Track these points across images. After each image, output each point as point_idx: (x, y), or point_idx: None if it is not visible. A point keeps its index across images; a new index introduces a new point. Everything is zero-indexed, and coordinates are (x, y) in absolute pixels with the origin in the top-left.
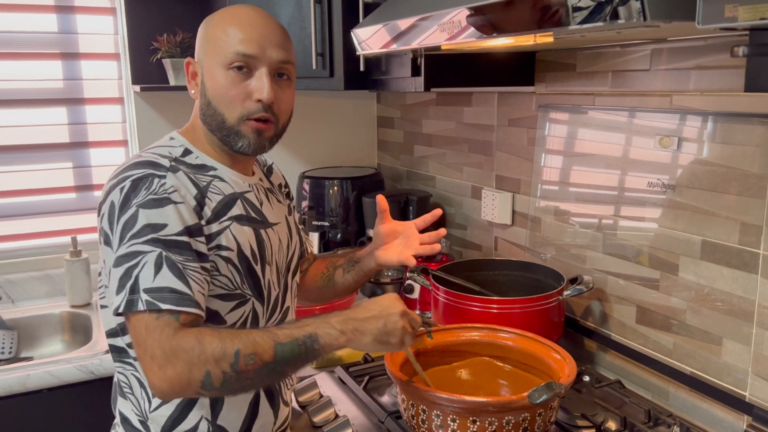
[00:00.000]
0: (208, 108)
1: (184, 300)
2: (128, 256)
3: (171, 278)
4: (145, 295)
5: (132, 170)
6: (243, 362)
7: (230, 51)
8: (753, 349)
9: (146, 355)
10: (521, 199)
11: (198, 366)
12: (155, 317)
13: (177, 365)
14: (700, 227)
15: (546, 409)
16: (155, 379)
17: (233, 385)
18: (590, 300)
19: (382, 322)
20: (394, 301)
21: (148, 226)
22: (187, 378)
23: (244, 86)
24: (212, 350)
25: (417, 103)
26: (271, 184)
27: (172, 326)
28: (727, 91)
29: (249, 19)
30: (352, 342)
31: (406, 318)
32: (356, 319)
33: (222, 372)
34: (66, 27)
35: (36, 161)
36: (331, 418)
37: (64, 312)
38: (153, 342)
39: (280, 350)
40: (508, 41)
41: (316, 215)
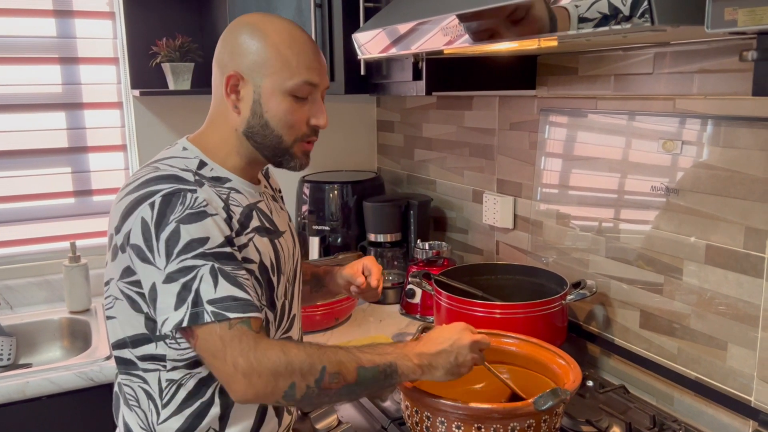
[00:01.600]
0: (264, 129)
1: (248, 306)
2: (181, 272)
3: (230, 288)
4: (210, 306)
5: (157, 185)
6: (328, 379)
7: (299, 79)
8: (758, 354)
9: (227, 365)
10: (523, 203)
11: (284, 377)
12: (227, 327)
13: (263, 375)
14: (704, 231)
15: (551, 416)
16: (240, 388)
17: (313, 399)
18: (593, 304)
19: (453, 356)
20: (462, 333)
21: (193, 241)
22: (272, 387)
23: (303, 111)
24: (300, 363)
25: (417, 107)
26: (272, 189)
27: (249, 335)
28: (731, 94)
29: (307, 44)
30: (426, 375)
31: (476, 348)
32: (429, 354)
33: (306, 386)
34: (65, 31)
35: (35, 166)
36: (333, 424)
37: (63, 318)
38: (235, 352)
39: (363, 374)
40: (512, 45)
41: (317, 220)
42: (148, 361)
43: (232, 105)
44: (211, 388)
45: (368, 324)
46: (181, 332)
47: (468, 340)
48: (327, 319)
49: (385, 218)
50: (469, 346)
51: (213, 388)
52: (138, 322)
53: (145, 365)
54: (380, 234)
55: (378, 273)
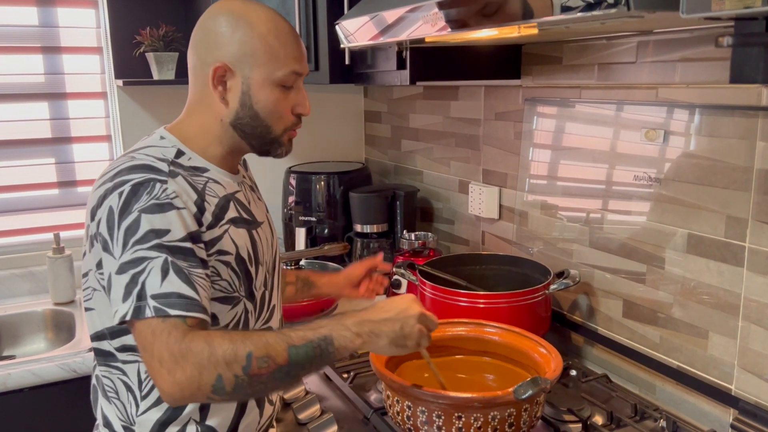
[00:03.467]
0: (254, 120)
1: (192, 305)
2: (133, 263)
3: (178, 283)
4: (153, 301)
5: (130, 174)
6: (256, 365)
7: (287, 69)
8: (739, 343)
9: (154, 359)
10: (508, 194)
11: (209, 369)
12: (161, 321)
13: (186, 368)
14: (686, 221)
15: (532, 405)
16: (164, 384)
17: (246, 389)
18: (577, 294)
19: (398, 325)
20: (411, 303)
21: (151, 231)
22: (197, 382)
23: (289, 100)
24: (223, 353)
25: (404, 98)
26: (250, 180)
27: (180, 329)
28: (713, 83)
29: (291, 33)
30: (367, 345)
31: (423, 320)
32: (372, 321)
33: (234, 375)
34: (47, 20)
35: (18, 157)
36: (316, 414)
37: (47, 310)
38: (161, 346)
39: (294, 353)
40: (493, 33)
41: (303, 210)
42: (126, 353)
43: (220, 96)
44: None
45: None
46: (127, 325)
47: (416, 311)
48: (312, 310)
49: (371, 209)
50: (417, 317)
51: None
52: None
53: (124, 356)
54: (367, 225)
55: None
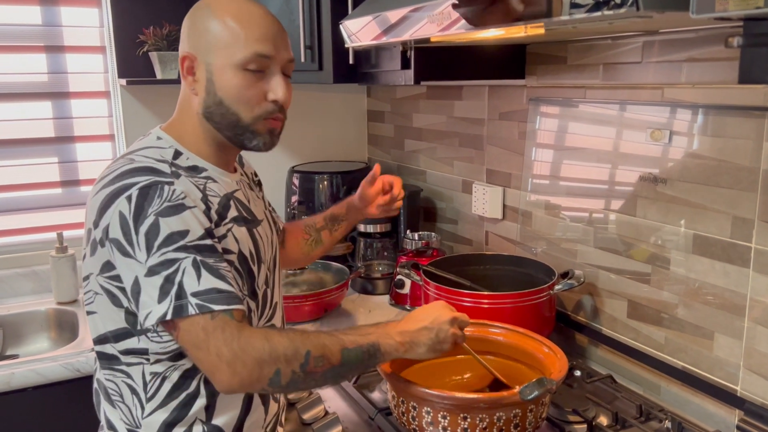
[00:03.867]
0: (219, 107)
1: (231, 298)
2: (163, 265)
3: (213, 280)
4: (194, 299)
5: (133, 177)
6: (313, 363)
7: (247, 51)
8: (745, 344)
9: (211, 354)
10: (512, 193)
11: (269, 364)
12: (209, 318)
13: (248, 363)
14: (691, 221)
15: (537, 405)
16: (224, 377)
17: (299, 384)
18: (581, 294)
19: (434, 333)
20: (442, 310)
21: (174, 234)
22: (257, 374)
23: (260, 86)
24: (284, 350)
25: (407, 97)
26: (247, 177)
27: (232, 325)
28: (719, 83)
29: (259, 17)
30: (409, 352)
31: (455, 323)
32: (410, 331)
33: (292, 371)
34: (50, 19)
35: (21, 156)
36: (320, 415)
37: (50, 309)
38: (218, 342)
39: (347, 355)
40: (499, 33)
41: (306, 210)
42: (131, 356)
43: (190, 87)
44: (195, 379)
45: (357, 314)
46: (163, 325)
47: (448, 317)
48: (316, 310)
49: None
50: (449, 322)
51: (198, 380)
52: (119, 316)
53: (128, 359)
54: (370, 224)
55: (399, 182)
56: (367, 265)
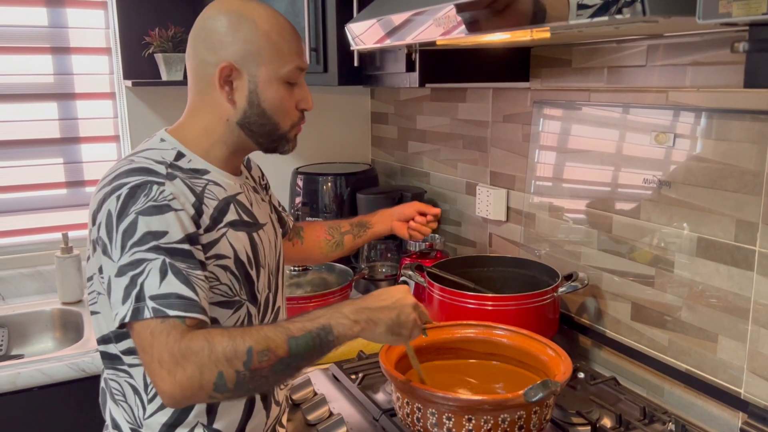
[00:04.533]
0: (262, 117)
1: (191, 306)
2: (131, 265)
3: (177, 284)
4: (152, 302)
5: (127, 177)
6: (257, 359)
7: (292, 65)
8: (748, 346)
9: (153, 360)
10: (516, 196)
11: (209, 367)
12: (160, 322)
13: (187, 368)
14: (695, 224)
15: (542, 407)
16: (165, 386)
17: (247, 384)
18: (585, 297)
19: (395, 313)
20: (406, 293)
21: (149, 233)
22: (198, 381)
23: (293, 96)
24: (223, 349)
25: (411, 99)
26: (253, 179)
27: (179, 329)
28: (724, 87)
29: (292, 29)
30: (365, 332)
31: (417, 310)
32: (369, 308)
33: (235, 371)
34: (56, 21)
35: (26, 157)
36: (325, 416)
37: (55, 309)
38: (160, 346)
39: (294, 344)
40: (504, 36)
41: (310, 211)
42: (132, 356)
43: (227, 96)
44: None
45: None
46: (126, 328)
47: (412, 301)
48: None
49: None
50: (413, 306)
51: None
52: None
53: (130, 360)
54: None
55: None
56: (371, 266)
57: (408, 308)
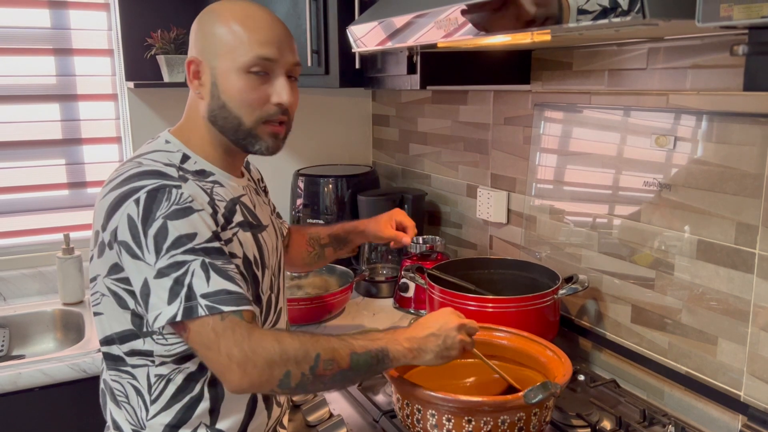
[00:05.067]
0: (222, 110)
1: (241, 299)
2: (172, 267)
3: (222, 281)
4: (204, 300)
5: (141, 180)
6: (322, 366)
7: (250, 54)
8: (748, 349)
9: (221, 356)
10: (516, 198)
11: (279, 366)
12: (219, 319)
13: (258, 364)
14: (696, 227)
15: (541, 409)
16: (234, 378)
17: (308, 386)
18: (585, 299)
19: (441, 339)
20: (449, 317)
21: (182, 237)
22: (267, 376)
23: (263, 89)
24: (294, 351)
25: (412, 101)
26: (254, 182)
27: (242, 326)
28: (724, 90)
29: (263, 20)
30: (417, 359)
31: (463, 330)
32: (418, 338)
33: (301, 373)
34: (59, 23)
35: (29, 158)
36: (325, 417)
37: (57, 310)
38: (229, 343)
39: (356, 360)
40: (505, 39)
41: (311, 213)
42: (136, 357)
43: (195, 91)
44: (199, 383)
45: (361, 317)
46: (173, 327)
47: (455, 323)
48: (320, 312)
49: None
50: (456, 329)
51: (202, 383)
52: (125, 318)
53: (134, 361)
54: None
55: (413, 228)
56: (372, 268)
57: (452, 332)
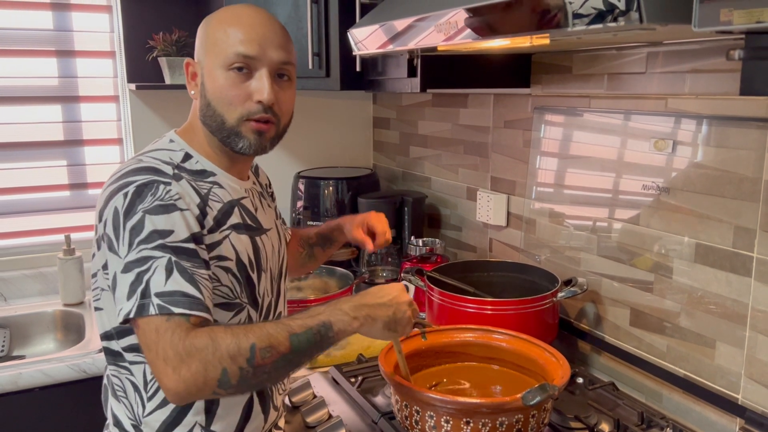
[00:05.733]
0: (208, 109)
1: (195, 304)
2: (138, 262)
3: (182, 283)
4: (157, 299)
5: (134, 176)
6: (259, 356)
7: (230, 52)
8: (746, 352)
9: (158, 358)
10: (516, 201)
11: (213, 364)
12: (165, 319)
13: (192, 365)
14: (694, 230)
15: (539, 411)
16: (170, 382)
17: (250, 380)
18: (584, 302)
19: (392, 311)
20: (401, 291)
21: (155, 232)
22: (203, 377)
23: (245, 87)
24: (227, 346)
25: (413, 104)
26: (261, 186)
27: (183, 327)
28: (722, 94)
29: (249, 19)
30: (363, 327)
31: (411, 308)
32: (367, 305)
33: (239, 368)
34: (62, 24)
35: (30, 159)
36: (324, 418)
37: (57, 310)
38: (165, 344)
39: (296, 340)
40: (505, 42)
41: (311, 215)
42: (133, 353)
43: (190, 92)
44: None
45: None
46: (131, 324)
47: (407, 298)
48: None
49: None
50: (408, 303)
51: None
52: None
53: (131, 356)
54: None
55: (382, 235)
56: (372, 270)
57: (404, 305)
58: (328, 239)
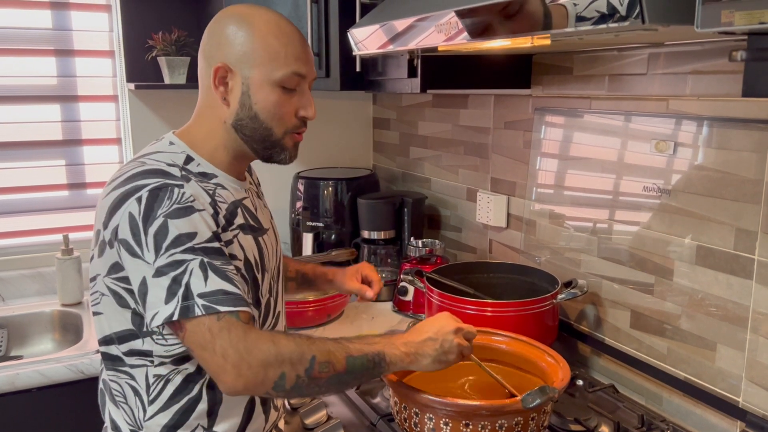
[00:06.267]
0: (253, 121)
1: (238, 300)
2: (171, 266)
3: (220, 282)
4: (201, 300)
5: (143, 179)
6: (317, 369)
7: (287, 69)
8: (747, 355)
9: (216, 355)
10: (516, 202)
11: (274, 367)
12: (216, 319)
13: (253, 365)
14: (695, 232)
15: (539, 413)
16: (229, 378)
17: (303, 389)
18: (585, 304)
19: (438, 344)
20: (447, 320)
21: (182, 235)
22: (262, 377)
23: (292, 103)
24: (289, 353)
25: (413, 105)
26: (255, 185)
27: (238, 326)
28: (724, 96)
29: (294, 34)
30: (414, 363)
31: (460, 334)
32: (415, 342)
33: (296, 375)
34: (61, 24)
35: (29, 158)
36: (323, 420)
37: (55, 311)
38: (224, 343)
39: (352, 363)
40: (505, 43)
41: (311, 216)
42: (134, 357)
43: (221, 97)
44: (198, 384)
45: (360, 321)
46: (170, 326)
47: (452, 327)
48: (319, 316)
49: (379, 215)
50: (454, 332)
51: (200, 384)
52: (124, 318)
53: (132, 361)
54: (374, 231)
55: (378, 283)
56: None
57: (449, 336)
58: (308, 282)
